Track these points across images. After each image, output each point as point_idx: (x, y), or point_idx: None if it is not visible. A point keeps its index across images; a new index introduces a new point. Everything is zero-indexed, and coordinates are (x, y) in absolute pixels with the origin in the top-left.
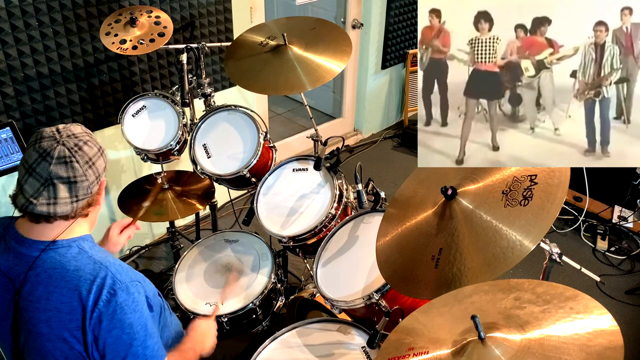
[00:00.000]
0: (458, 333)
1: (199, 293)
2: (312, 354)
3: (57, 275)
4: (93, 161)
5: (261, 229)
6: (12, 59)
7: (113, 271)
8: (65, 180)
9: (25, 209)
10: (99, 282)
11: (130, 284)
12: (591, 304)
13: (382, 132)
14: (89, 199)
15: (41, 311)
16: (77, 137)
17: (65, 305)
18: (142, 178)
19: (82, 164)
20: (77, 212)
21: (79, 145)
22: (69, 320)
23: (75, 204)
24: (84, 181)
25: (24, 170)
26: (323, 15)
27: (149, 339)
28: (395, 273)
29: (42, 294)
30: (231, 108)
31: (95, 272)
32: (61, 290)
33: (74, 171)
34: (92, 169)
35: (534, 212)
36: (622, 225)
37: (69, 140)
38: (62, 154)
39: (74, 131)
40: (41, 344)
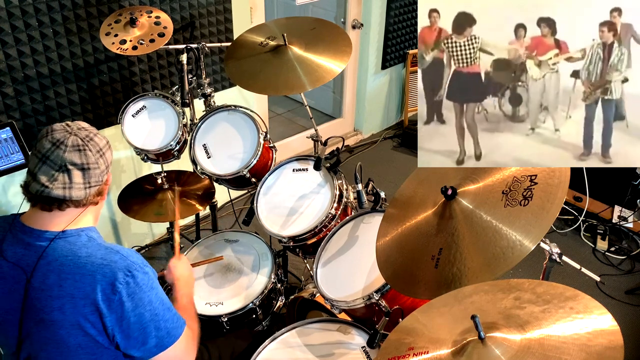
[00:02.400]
0: (458, 333)
1: (199, 293)
2: (312, 354)
3: (69, 263)
4: (103, 151)
5: (261, 229)
6: (12, 59)
7: (125, 254)
8: (79, 167)
9: (40, 194)
10: (113, 266)
11: (143, 264)
12: (591, 304)
13: (382, 132)
14: (99, 187)
15: (54, 298)
16: (87, 129)
17: (79, 290)
18: (142, 178)
19: (94, 152)
20: (88, 199)
21: (90, 137)
22: (82, 305)
23: (88, 190)
24: (96, 168)
25: (37, 159)
26: (323, 15)
27: (167, 312)
28: (395, 273)
29: (54, 281)
30: (231, 108)
31: (108, 256)
32: (74, 276)
33: (87, 158)
34: (103, 158)
35: (534, 212)
36: (622, 225)
37: (80, 132)
38: (75, 142)
39: (83, 125)
40: (54, 331)
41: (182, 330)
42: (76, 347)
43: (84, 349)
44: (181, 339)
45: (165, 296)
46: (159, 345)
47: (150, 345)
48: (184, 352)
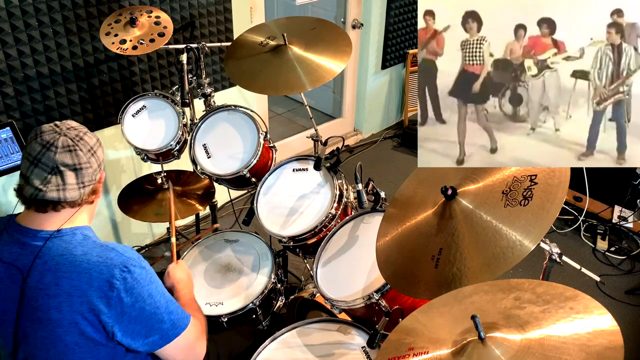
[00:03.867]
0: (458, 333)
1: (199, 293)
2: (312, 354)
3: (65, 261)
4: (94, 150)
5: (261, 229)
6: (12, 59)
7: (120, 250)
8: (71, 167)
9: (34, 197)
10: (109, 262)
11: (139, 259)
12: (591, 304)
13: (382, 132)
14: (93, 186)
15: (51, 297)
16: (76, 129)
17: (76, 289)
18: (142, 178)
19: (85, 151)
20: (83, 198)
21: (80, 136)
22: (79, 303)
23: (83, 190)
24: (88, 168)
25: (29, 162)
26: (323, 15)
27: (170, 305)
28: (395, 273)
29: (51, 280)
30: (231, 108)
31: (104, 254)
32: (70, 274)
33: (79, 158)
34: (94, 157)
35: (534, 212)
36: (622, 225)
37: (69, 132)
38: (65, 143)
39: (72, 124)
40: (52, 330)
41: (187, 321)
42: (73, 345)
43: (81, 347)
44: (189, 329)
45: (167, 290)
46: (165, 337)
47: (154, 338)
48: (193, 342)
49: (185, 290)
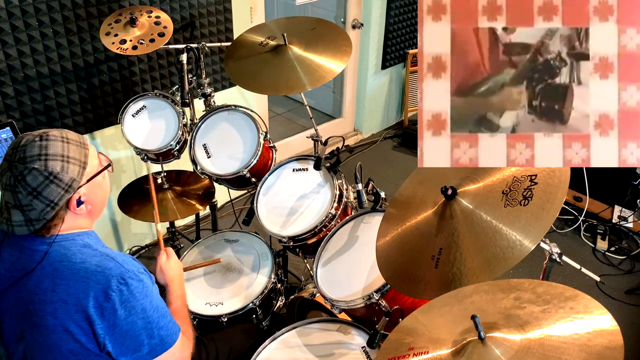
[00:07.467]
0: (458, 333)
1: (199, 293)
2: (312, 354)
3: (63, 268)
4: (38, 191)
5: (261, 229)
6: (12, 59)
7: (120, 261)
8: (12, 206)
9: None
10: (107, 273)
11: (138, 271)
12: (591, 304)
13: (382, 132)
14: (49, 222)
15: (47, 303)
16: (27, 161)
17: (72, 297)
18: (142, 178)
19: (25, 194)
20: (43, 227)
21: (23, 175)
22: (74, 312)
23: (32, 227)
24: (31, 210)
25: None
26: (323, 15)
27: (161, 320)
28: (395, 273)
29: (48, 286)
30: (231, 108)
31: (103, 263)
32: (68, 282)
33: (19, 200)
34: (39, 198)
35: (534, 212)
36: (622, 225)
37: (17, 166)
38: (7, 181)
39: (28, 153)
40: (47, 336)
41: (176, 337)
42: (68, 353)
43: (75, 355)
44: (176, 345)
45: (162, 302)
46: (152, 352)
47: (142, 353)
48: (177, 356)
49: (178, 291)
